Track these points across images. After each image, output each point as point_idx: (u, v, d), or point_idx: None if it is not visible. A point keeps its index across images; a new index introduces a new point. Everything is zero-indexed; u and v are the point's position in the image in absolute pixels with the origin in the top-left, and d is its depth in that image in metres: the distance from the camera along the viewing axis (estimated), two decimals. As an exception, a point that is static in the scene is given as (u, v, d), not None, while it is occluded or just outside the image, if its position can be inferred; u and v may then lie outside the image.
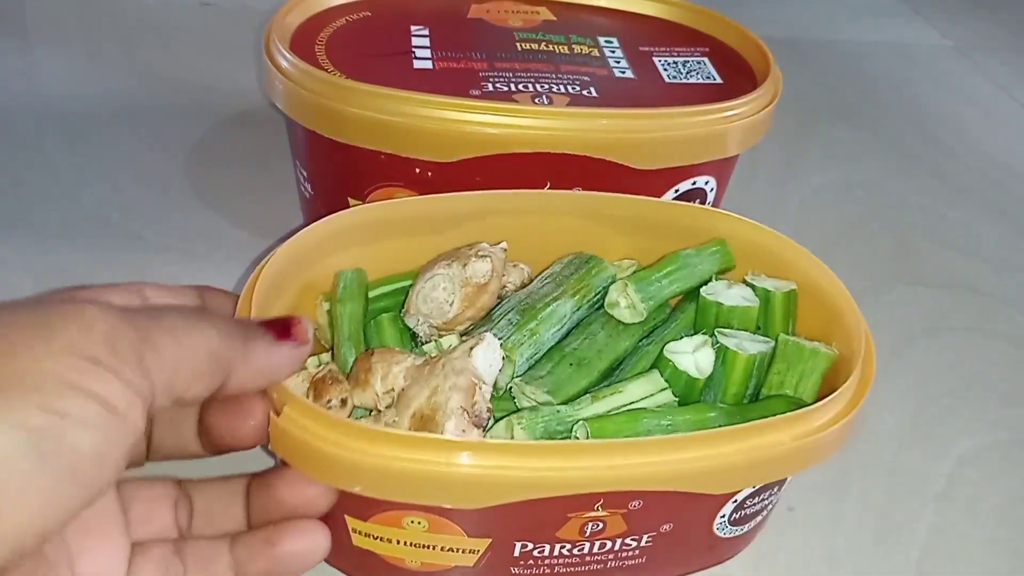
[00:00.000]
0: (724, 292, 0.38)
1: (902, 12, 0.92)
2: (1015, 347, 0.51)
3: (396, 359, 0.32)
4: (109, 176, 0.55)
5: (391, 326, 0.37)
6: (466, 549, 0.31)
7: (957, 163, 0.67)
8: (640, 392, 0.34)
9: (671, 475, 0.29)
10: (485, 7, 0.55)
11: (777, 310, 0.38)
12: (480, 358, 0.31)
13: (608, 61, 0.50)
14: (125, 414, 0.22)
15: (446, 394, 0.30)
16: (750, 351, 0.35)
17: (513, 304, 0.37)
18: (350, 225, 0.37)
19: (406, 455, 0.27)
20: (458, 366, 0.31)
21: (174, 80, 0.66)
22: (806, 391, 0.35)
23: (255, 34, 0.71)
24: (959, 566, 0.38)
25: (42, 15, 0.72)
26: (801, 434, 0.30)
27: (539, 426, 0.33)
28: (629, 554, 0.33)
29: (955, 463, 0.43)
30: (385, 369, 0.32)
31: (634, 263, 0.41)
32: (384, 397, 0.32)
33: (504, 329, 0.36)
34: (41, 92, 0.63)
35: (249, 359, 0.27)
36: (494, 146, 0.42)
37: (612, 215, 0.40)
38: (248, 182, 0.56)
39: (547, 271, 0.40)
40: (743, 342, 0.36)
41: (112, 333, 0.23)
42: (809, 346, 0.36)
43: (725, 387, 0.35)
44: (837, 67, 0.80)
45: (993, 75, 0.81)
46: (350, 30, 0.50)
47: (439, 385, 0.30)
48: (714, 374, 0.35)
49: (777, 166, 0.64)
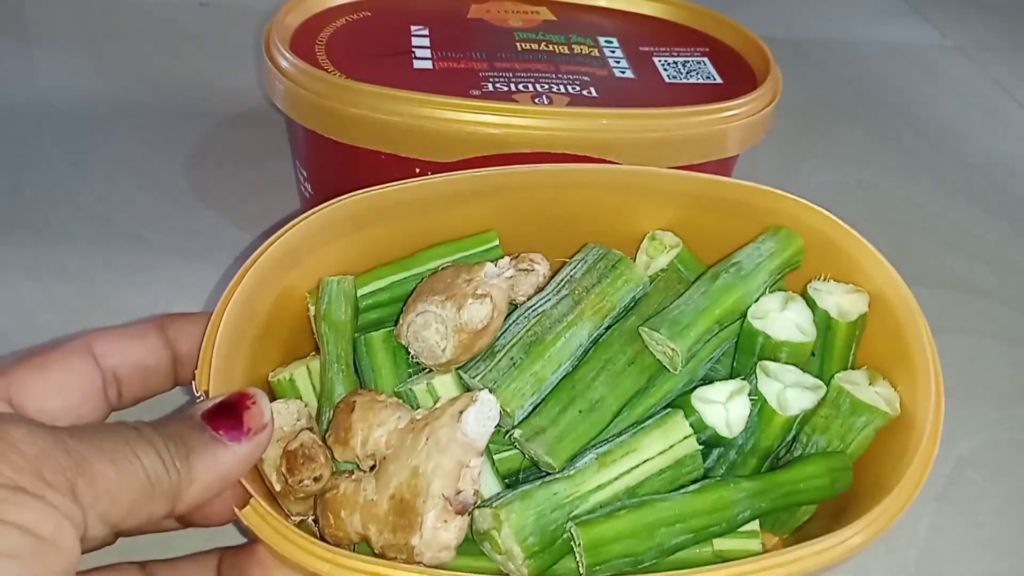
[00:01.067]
0: (775, 317, 0.32)
1: (902, 12, 0.92)
2: (1015, 347, 0.51)
3: (379, 419, 0.29)
4: (109, 176, 0.55)
5: (383, 347, 0.33)
6: None
7: (957, 163, 0.67)
8: (658, 447, 0.29)
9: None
10: (485, 7, 0.55)
11: (838, 343, 0.32)
12: (471, 423, 0.28)
13: (608, 61, 0.50)
14: (54, 540, 0.21)
15: (428, 477, 0.27)
16: (792, 410, 0.30)
17: (519, 332, 0.31)
18: (336, 219, 0.34)
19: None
20: (443, 439, 0.27)
21: (174, 80, 0.66)
22: (853, 445, 0.31)
23: (255, 34, 0.71)
24: (959, 566, 0.38)
25: (42, 15, 0.72)
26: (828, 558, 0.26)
27: (530, 520, 0.28)
28: None
29: (955, 463, 0.43)
30: (366, 432, 0.29)
31: (679, 243, 0.35)
32: (366, 460, 0.29)
33: (505, 371, 0.31)
34: (41, 92, 0.63)
35: (195, 478, 0.24)
36: (494, 146, 0.42)
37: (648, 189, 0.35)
38: (248, 182, 0.56)
39: (565, 273, 0.34)
40: (787, 391, 0.30)
41: (39, 459, 0.21)
42: (865, 401, 0.30)
43: (758, 440, 0.31)
44: (837, 67, 0.80)
45: (993, 75, 0.81)
46: (350, 30, 0.50)
47: (420, 466, 0.27)
48: (748, 422, 0.31)
49: (777, 166, 0.64)
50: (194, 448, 0.24)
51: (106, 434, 0.23)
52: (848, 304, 0.32)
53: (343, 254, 0.35)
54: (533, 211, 0.36)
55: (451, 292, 0.32)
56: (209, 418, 0.25)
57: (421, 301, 0.32)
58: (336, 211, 0.34)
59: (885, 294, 0.32)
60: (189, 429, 0.25)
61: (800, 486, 0.30)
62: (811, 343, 0.32)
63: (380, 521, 0.28)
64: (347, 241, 0.35)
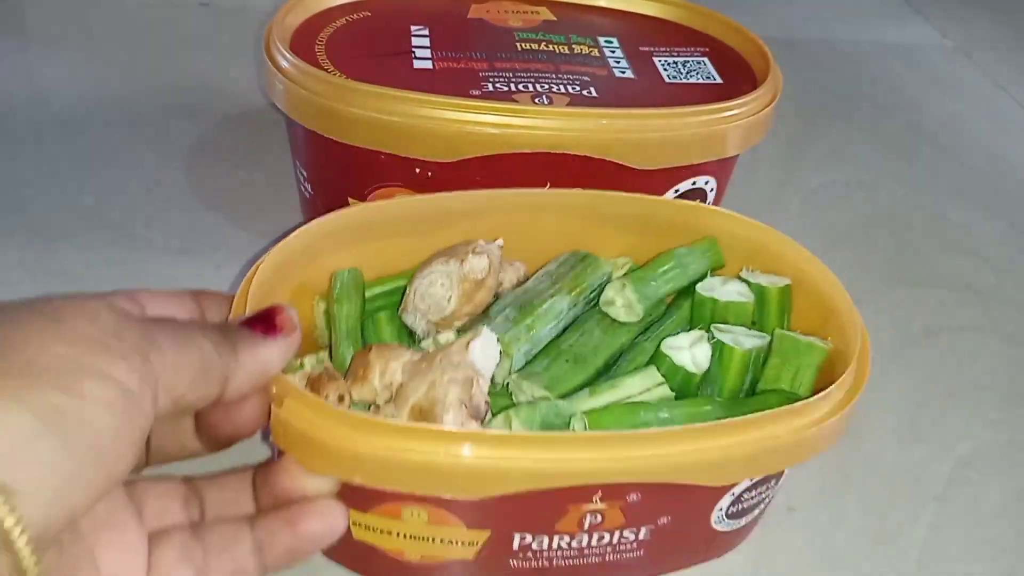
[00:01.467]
0: (720, 288, 0.38)
1: (902, 12, 0.92)
2: (1015, 347, 0.51)
3: (394, 354, 0.33)
4: (109, 176, 0.55)
5: (389, 323, 0.38)
6: (465, 541, 0.31)
7: (957, 163, 0.67)
8: (637, 387, 0.34)
9: (668, 467, 0.29)
10: (485, 7, 0.55)
11: (772, 306, 0.38)
12: (477, 352, 0.32)
13: (608, 61, 0.50)
14: (139, 397, 0.23)
15: (444, 388, 0.30)
16: (746, 346, 0.35)
17: (510, 301, 0.38)
18: (343, 226, 0.37)
19: (406, 446, 0.27)
20: (455, 360, 0.31)
21: (174, 80, 0.66)
22: (802, 385, 0.36)
23: (255, 34, 0.71)
24: (959, 566, 0.38)
25: (42, 15, 0.72)
26: (798, 427, 0.30)
27: (537, 420, 0.33)
28: (627, 547, 0.33)
29: (955, 463, 0.43)
30: (383, 365, 0.32)
31: (629, 260, 0.41)
32: (383, 392, 0.32)
33: (501, 325, 0.36)
34: (41, 92, 0.63)
35: (241, 365, 0.27)
36: (494, 146, 0.42)
37: (607, 213, 0.40)
38: (248, 182, 0.56)
39: (543, 269, 0.40)
40: (739, 337, 0.36)
41: (118, 326, 0.23)
42: (804, 341, 0.36)
43: (722, 382, 0.36)
44: (837, 67, 0.80)
45: (993, 75, 0.81)
46: (350, 30, 0.50)
47: (436, 379, 0.31)
48: (711, 369, 0.35)
49: (777, 166, 0.64)
50: (238, 342, 0.27)
51: (164, 321, 0.26)
52: (775, 281, 0.38)
53: (348, 264, 0.38)
54: (516, 229, 0.40)
55: (452, 253, 0.37)
56: (247, 323, 0.29)
57: (425, 268, 0.37)
58: (345, 217, 0.37)
59: (807, 273, 0.38)
60: (232, 328, 0.28)
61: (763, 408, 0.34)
62: (751, 304, 0.38)
63: None
64: (354, 251, 0.38)
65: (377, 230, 0.38)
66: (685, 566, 0.36)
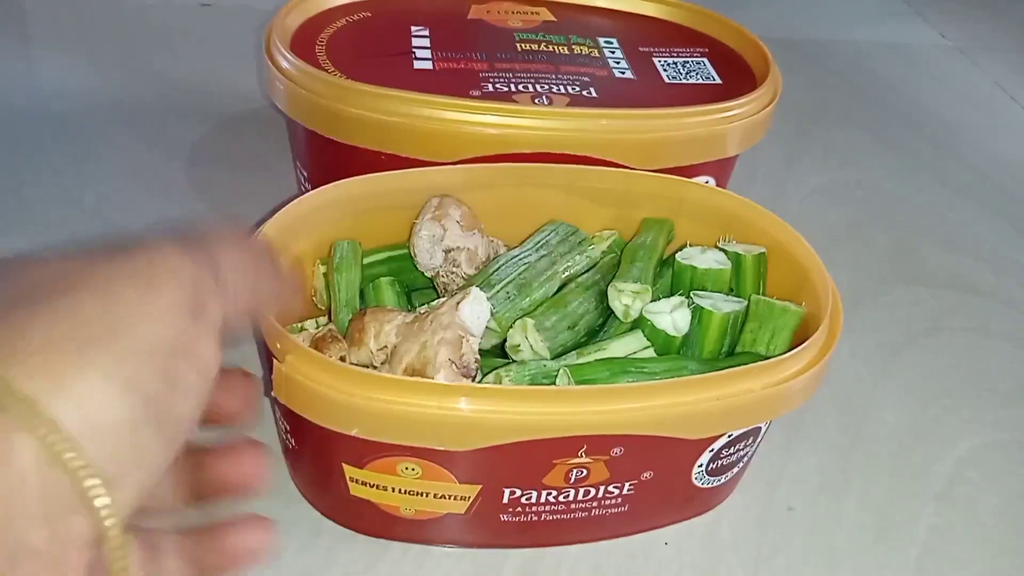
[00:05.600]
0: (698, 257, 0.39)
1: (902, 12, 0.92)
2: (1015, 347, 0.51)
3: (387, 317, 0.34)
4: (109, 176, 0.55)
5: (389, 287, 0.39)
6: (457, 496, 0.33)
7: (957, 163, 0.67)
8: (623, 350, 0.36)
9: (649, 420, 0.31)
10: (485, 8, 0.55)
11: (748, 272, 0.39)
12: (467, 312, 0.33)
13: (608, 61, 0.51)
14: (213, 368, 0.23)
15: (435, 348, 0.32)
16: (724, 310, 0.37)
17: (512, 274, 0.38)
18: (341, 197, 0.38)
19: (401, 399, 0.29)
20: (445, 321, 0.32)
21: (174, 80, 0.66)
22: (778, 347, 0.37)
23: (255, 34, 0.71)
24: (959, 566, 0.38)
25: (42, 15, 0.72)
26: (772, 383, 0.32)
27: (526, 378, 0.34)
28: (612, 502, 0.34)
29: (955, 463, 0.43)
30: (377, 328, 0.34)
31: (615, 234, 0.42)
32: (378, 354, 0.33)
33: (501, 302, 0.37)
34: (41, 92, 0.63)
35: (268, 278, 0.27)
36: (494, 146, 0.42)
37: (588, 186, 0.41)
38: (248, 182, 0.56)
39: (542, 236, 0.40)
40: (717, 302, 0.37)
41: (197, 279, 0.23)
42: (779, 305, 0.37)
43: (702, 344, 0.37)
44: (837, 67, 0.80)
45: (993, 75, 0.81)
46: (350, 30, 0.50)
47: (428, 340, 0.32)
48: (691, 333, 0.37)
49: (777, 166, 0.64)
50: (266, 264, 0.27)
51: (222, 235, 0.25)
52: (751, 249, 0.40)
53: (346, 234, 0.39)
54: (500, 204, 0.41)
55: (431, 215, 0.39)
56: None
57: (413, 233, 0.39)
58: (338, 190, 0.38)
59: (781, 239, 0.39)
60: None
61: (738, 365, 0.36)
62: (729, 271, 0.39)
63: None
64: (349, 223, 0.39)
65: (372, 201, 0.39)
66: (669, 523, 0.38)
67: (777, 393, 0.32)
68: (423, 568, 0.35)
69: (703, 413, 0.31)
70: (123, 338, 0.21)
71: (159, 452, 0.21)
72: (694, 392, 0.31)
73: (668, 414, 0.31)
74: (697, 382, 0.31)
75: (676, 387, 0.31)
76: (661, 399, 0.31)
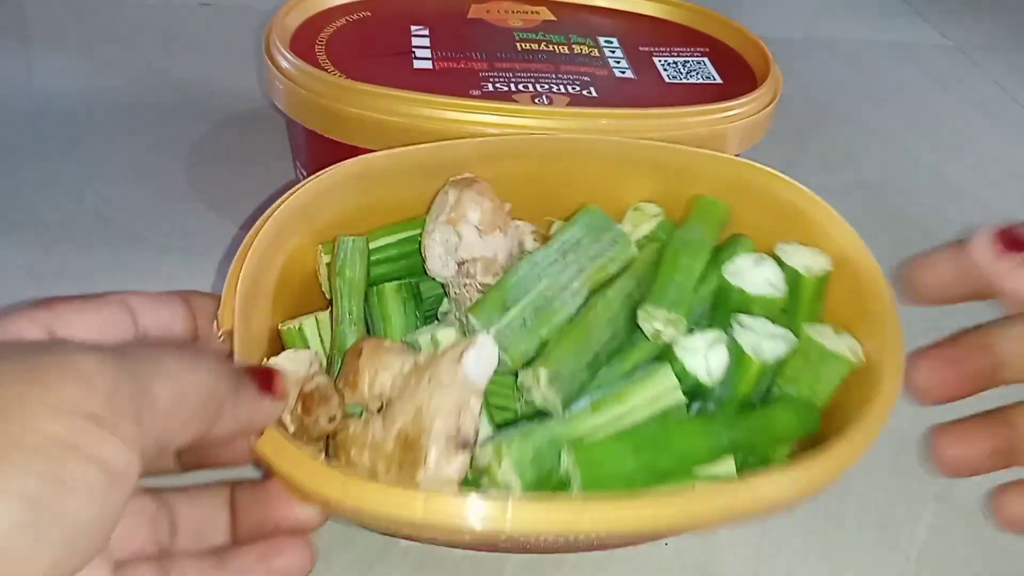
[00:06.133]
0: (749, 273, 0.34)
1: (902, 12, 0.92)
2: (1015, 347, 0.50)
3: (384, 363, 0.31)
4: (109, 176, 0.55)
5: (393, 297, 0.36)
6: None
7: (957, 163, 0.67)
8: (645, 396, 0.31)
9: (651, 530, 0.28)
10: (485, 7, 0.55)
11: (805, 296, 0.34)
12: (470, 364, 0.29)
13: (608, 61, 0.50)
14: (125, 475, 0.22)
15: (431, 416, 0.29)
16: (766, 356, 0.32)
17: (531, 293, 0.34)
18: (353, 174, 0.36)
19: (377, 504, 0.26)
20: (445, 380, 0.29)
21: (174, 80, 0.66)
22: (822, 394, 0.33)
23: (255, 34, 0.71)
24: (959, 566, 0.38)
25: (42, 15, 0.72)
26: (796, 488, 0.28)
27: (529, 455, 0.30)
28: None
29: (955, 463, 0.43)
30: (372, 375, 0.31)
31: (660, 212, 0.38)
32: (373, 401, 0.31)
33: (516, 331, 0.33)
34: (41, 92, 0.63)
35: (238, 406, 0.26)
36: (494, 146, 0.42)
37: (634, 161, 0.38)
38: (248, 182, 0.56)
39: (571, 234, 0.36)
40: (761, 341, 0.33)
41: (111, 388, 0.22)
42: (832, 350, 0.33)
43: (735, 387, 0.33)
44: (837, 67, 0.80)
45: (993, 75, 0.81)
46: (350, 30, 0.50)
47: (424, 405, 0.29)
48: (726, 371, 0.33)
49: (777, 166, 0.64)
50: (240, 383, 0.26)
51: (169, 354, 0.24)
52: (813, 263, 0.35)
53: (352, 216, 0.37)
54: (529, 178, 0.38)
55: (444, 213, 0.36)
56: (249, 371, 0.27)
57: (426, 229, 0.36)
58: (344, 170, 0.36)
59: (848, 256, 0.35)
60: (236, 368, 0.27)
61: (771, 421, 0.32)
62: (783, 299, 0.34)
63: (387, 458, 0.29)
64: (355, 203, 0.37)
65: (385, 178, 0.37)
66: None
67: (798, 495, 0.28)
68: (423, 569, 0.35)
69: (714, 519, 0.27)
70: (1, 435, 0.20)
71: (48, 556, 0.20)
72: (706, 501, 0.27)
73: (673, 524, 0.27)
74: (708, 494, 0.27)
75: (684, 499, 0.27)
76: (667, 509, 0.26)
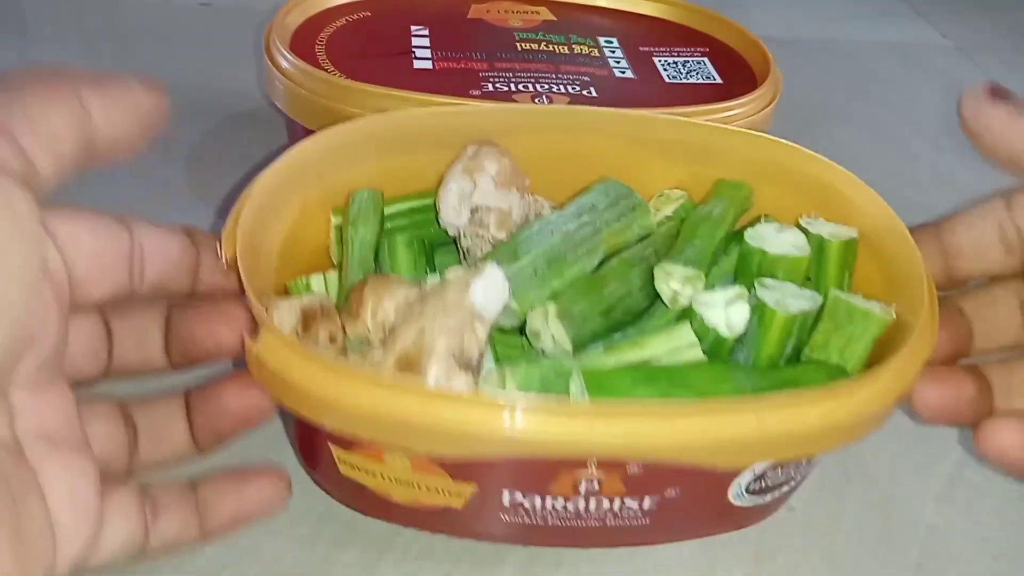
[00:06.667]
0: (772, 237, 0.33)
1: (902, 12, 0.92)
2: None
3: (389, 291, 0.30)
4: (109, 176, 0.55)
5: (405, 249, 0.35)
6: (451, 492, 0.29)
7: (957, 163, 0.67)
8: (663, 348, 0.30)
9: (669, 446, 0.25)
10: (485, 7, 0.55)
11: (831, 261, 0.33)
12: (479, 294, 0.28)
13: (608, 61, 0.51)
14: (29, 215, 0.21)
15: (432, 336, 0.27)
16: (791, 310, 0.30)
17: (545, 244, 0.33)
18: (366, 135, 0.35)
19: (375, 398, 0.25)
20: (451, 303, 0.28)
21: (173, 80, 0.65)
22: (852, 358, 0.31)
23: (255, 34, 0.71)
24: (959, 566, 0.38)
25: (41, 14, 0.72)
26: (829, 411, 0.26)
27: (536, 379, 0.28)
28: (631, 516, 0.30)
29: (955, 463, 0.43)
30: (376, 303, 0.30)
31: (684, 195, 0.37)
32: (376, 331, 0.30)
33: (527, 278, 0.32)
34: (41, 92, 0.63)
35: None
36: (494, 146, 0.42)
37: (657, 139, 0.37)
38: (248, 182, 0.56)
39: (588, 199, 0.35)
40: (786, 297, 0.31)
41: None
42: (862, 307, 0.31)
43: (759, 347, 0.31)
44: (837, 67, 0.80)
45: (993, 75, 0.81)
46: (350, 30, 0.50)
47: (426, 326, 0.28)
48: (749, 330, 0.31)
49: (777, 166, 0.64)
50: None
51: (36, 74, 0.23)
52: (839, 232, 0.34)
53: (366, 179, 0.36)
54: (549, 152, 0.37)
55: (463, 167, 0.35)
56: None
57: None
58: (358, 128, 0.35)
59: (878, 226, 0.34)
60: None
61: (798, 377, 0.30)
62: (806, 258, 0.33)
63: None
64: (370, 166, 0.36)
65: (400, 143, 0.36)
66: (700, 536, 0.34)
67: (836, 423, 0.26)
68: (424, 569, 0.35)
69: (739, 441, 0.25)
70: None
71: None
72: (730, 415, 0.25)
73: (693, 441, 0.25)
74: (735, 405, 0.25)
75: (707, 410, 0.25)
76: (686, 422, 0.25)
